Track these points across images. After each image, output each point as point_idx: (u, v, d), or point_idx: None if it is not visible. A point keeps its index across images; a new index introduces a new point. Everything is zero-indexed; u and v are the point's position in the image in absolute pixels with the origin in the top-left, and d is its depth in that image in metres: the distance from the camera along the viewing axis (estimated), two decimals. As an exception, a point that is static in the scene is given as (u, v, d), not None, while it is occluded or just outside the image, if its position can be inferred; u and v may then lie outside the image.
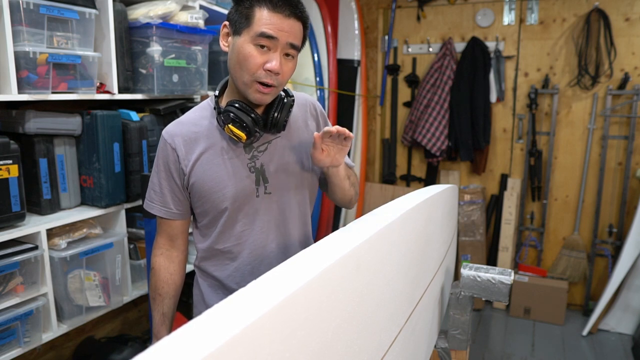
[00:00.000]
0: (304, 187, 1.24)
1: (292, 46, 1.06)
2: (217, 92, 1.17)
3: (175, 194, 1.19)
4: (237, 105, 1.09)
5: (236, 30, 1.06)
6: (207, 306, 1.27)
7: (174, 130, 1.17)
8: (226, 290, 1.24)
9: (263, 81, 1.05)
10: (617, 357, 2.67)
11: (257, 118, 1.10)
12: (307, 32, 1.12)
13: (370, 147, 3.64)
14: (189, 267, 2.02)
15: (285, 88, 1.18)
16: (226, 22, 1.10)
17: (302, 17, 1.06)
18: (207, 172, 1.14)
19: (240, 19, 1.05)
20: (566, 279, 3.12)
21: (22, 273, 1.52)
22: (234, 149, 1.15)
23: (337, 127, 1.07)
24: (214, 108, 1.16)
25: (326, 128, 1.07)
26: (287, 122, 1.15)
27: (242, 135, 1.09)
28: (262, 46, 1.03)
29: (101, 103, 1.87)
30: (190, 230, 1.30)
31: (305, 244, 1.29)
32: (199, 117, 1.19)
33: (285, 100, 1.14)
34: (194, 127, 1.17)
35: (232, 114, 1.08)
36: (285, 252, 1.24)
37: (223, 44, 1.12)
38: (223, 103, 1.17)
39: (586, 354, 2.72)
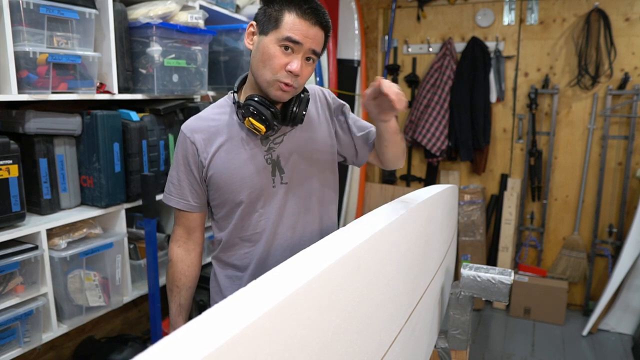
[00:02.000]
0: (320, 176, 1.28)
1: (314, 52, 1.12)
2: (235, 88, 1.22)
3: (193, 186, 1.24)
4: (256, 99, 1.14)
5: (263, 30, 1.11)
6: (224, 297, 1.27)
7: (193, 124, 1.23)
8: (244, 279, 1.27)
9: (283, 81, 1.10)
10: (617, 357, 2.67)
11: (276, 112, 1.15)
12: (328, 40, 1.17)
13: (370, 147, 3.64)
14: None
15: None
16: (253, 22, 1.15)
17: (326, 27, 1.13)
18: (225, 163, 1.19)
19: (268, 20, 1.10)
20: (566, 279, 3.12)
21: (22, 273, 1.52)
22: (251, 142, 1.20)
23: (386, 86, 1.01)
24: (233, 102, 1.20)
25: (377, 82, 1.03)
26: (304, 116, 1.19)
27: (262, 127, 1.13)
28: (287, 48, 1.09)
29: (101, 103, 1.87)
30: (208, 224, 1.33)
31: (326, 232, 1.30)
32: (218, 112, 1.24)
33: (302, 96, 1.19)
34: (212, 122, 1.22)
35: (252, 108, 1.13)
36: (302, 241, 1.27)
37: (248, 42, 1.17)
38: (241, 98, 1.22)
39: (586, 354, 2.72)
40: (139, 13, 1.81)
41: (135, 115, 1.83)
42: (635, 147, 2.97)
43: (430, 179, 3.51)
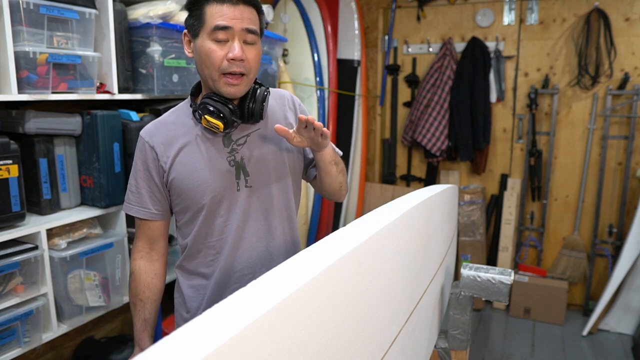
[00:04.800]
0: (285, 179, 1.24)
1: (249, 31, 1.08)
2: (192, 91, 1.20)
3: (153, 193, 1.19)
4: (213, 97, 1.11)
5: (194, 34, 1.10)
6: (189, 309, 1.26)
7: (152, 129, 1.19)
8: (209, 287, 1.23)
9: (230, 71, 1.08)
10: (617, 357, 2.67)
11: (234, 108, 1.12)
12: (263, 17, 1.14)
13: (370, 147, 3.64)
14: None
15: (258, 81, 1.20)
16: (185, 31, 1.13)
17: (252, 3, 1.09)
18: (186, 166, 1.15)
19: (194, 22, 1.09)
20: (566, 279, 3.12)
21: (22, 273, 1.52)
22: (212, 143, 1.16)
23: (313, 120, 1.08)
24: (190, 105, 1.18)
25: (301, 117, 1.08)
26: (263, 111, 1.15)
27: (220, 124, 1.10)
28: (220, 40, 1.06)
29: (101, 103, 1.87)
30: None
31: (290, 236, 1.29)
32: (177, 116, 1.21)
33: (258, 91, 1.15)
34: (172, 126, 1.18)
35: (209, 106, 1.10)
36: (268, 246, 1.23)
37: (187, 52, 1.15)
38: (199, 102, 1.18)
39: (586, 354, 2.72)
40: (139, 13, 1.81)
41: (135, 115, 1.83)
42: (635, 147, 2.97)
43: (430, 179, 3.51)
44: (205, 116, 1.10)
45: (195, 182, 1.14)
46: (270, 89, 1.22)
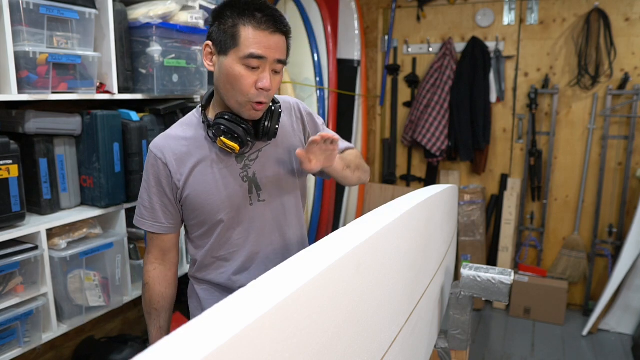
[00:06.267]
0: (296, 190, 1.26)
1: (280, 61, 1.07)
2: (202, 104, 1.18)
3: (167, 207, 1.19)
4: (227, 117, 1.10)
5: (222, 50, 1.06)
6: (204, 311, 1.27)
7: (163, 144, 1.17)
8: (223, 292, 1.24)
9: (256, 100, 1.06)
10: (617, 357, 2.67)
11: (249, 129, 1.11)
12: (290, 43, 1.12)
13: (370, 147, 3.64)
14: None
15: None
16: (208, 42, 1.09)
17: (286, 32, 1.07)
18: (200, 184, 1.15)
19: (225, 39, 1.04)
20: (566, 279, 3.12)
21: (22, 273, 1.52)
22: (225, 160, 1.16)
23: (322, 134, 1.08)
24: (203, 122, 1.16)
25: (311, 138, 1.08)
26: (277, 130, 1.16)
27: (236, 146, 1.10)
28: (252, 67, 1.04)
29: (101, 103, 1.87)
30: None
31: (302, 245, 1.31)
32: (187, 130, 1.19)
33: (273, 109, 1.15)
34: (183, 141, 1.17)
35: (223, 127, 1.09)
36: (282, 256, 1.24)
37: (207, 64, 1.11)
38: (210, 114, 1.18)
39: (586, 354, 2.72)
40: (139, 13, 1.81)
41: (135, 115, 1.83)
42: (635, 147, 2.97)
43: (430, 179, 3.51)
44: (221, 138, 1.09)
45: (210, 199, 1.15)
46: (277, 97, 1.21)
